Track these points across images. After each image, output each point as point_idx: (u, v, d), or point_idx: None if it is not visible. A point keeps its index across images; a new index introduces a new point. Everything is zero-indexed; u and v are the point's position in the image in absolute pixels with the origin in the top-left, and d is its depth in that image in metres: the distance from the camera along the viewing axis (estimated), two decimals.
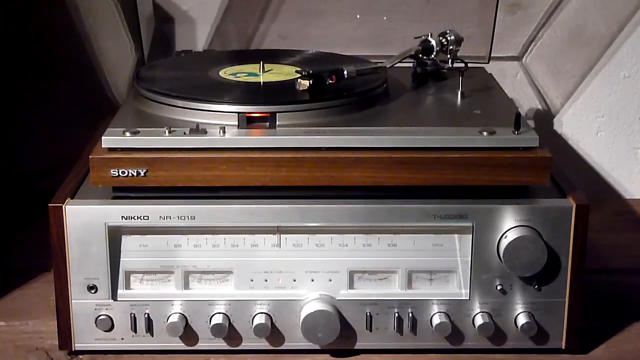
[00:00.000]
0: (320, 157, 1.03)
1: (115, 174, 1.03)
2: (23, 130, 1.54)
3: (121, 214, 1.04)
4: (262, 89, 1.17)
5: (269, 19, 1.49)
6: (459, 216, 1.04)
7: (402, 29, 1.48)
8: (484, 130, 1.05)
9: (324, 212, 1.04)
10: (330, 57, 1.32)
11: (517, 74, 1.54)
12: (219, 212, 1.04)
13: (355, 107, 1.13)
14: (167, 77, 1.24)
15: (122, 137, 1.03)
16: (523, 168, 1.03)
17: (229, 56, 1.37)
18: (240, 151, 1.03)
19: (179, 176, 1.03)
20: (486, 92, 1.25)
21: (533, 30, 1.52)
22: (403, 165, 1.03)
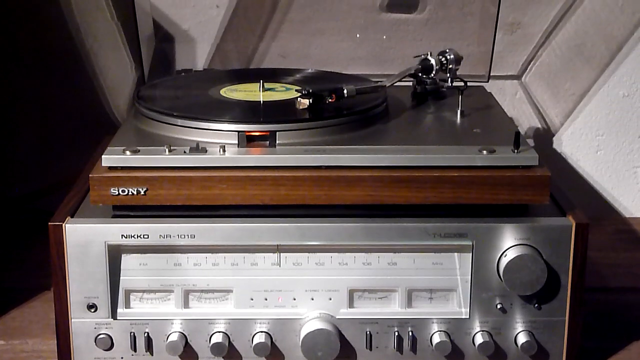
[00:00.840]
0: (320, 175, 1.03)
1: (115, 193, 1.03)
2: (23, 149, 1.54)
3: (121, 233, 1.04)
4: (262, 107, 1.18)
5: (269, 38, 1.50)
6: (459, 235, 1.04)
7: (401, 47, 1.48)
8: (483, 148, 1.05)
9: (324, 231, 1.04)
10: (330, 76, 1.33)
11: (516, 92, 1.54)
12: (218, 230, 1.04)
13: (355, 126, 1.13)
14: (168, 96, 1.24)
15: (122, 155, 1.04)
16: (523, 186, 1.04)
17: (229, 75, 1.37)
18: (240, 170, 1.03)
19: (179, 195, 1.03)
20: (486, 110, 1.25)
21: (532, 49, 1.52)
22: (403, 183, 1.03)
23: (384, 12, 1.49)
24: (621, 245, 1.46)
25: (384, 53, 1.49)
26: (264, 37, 1.50)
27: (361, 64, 1.48)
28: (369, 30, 1.49)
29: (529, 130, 1.55)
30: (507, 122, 1.22)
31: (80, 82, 1.51)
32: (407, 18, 1.49)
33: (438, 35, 1.48)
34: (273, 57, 1.51)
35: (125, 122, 1.21)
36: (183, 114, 1.11)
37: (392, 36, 1.49)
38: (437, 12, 1.48)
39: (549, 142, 1.56)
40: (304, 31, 1.48)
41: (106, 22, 1.50)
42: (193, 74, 1.42)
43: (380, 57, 1.49)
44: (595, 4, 1.50)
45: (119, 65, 1.52)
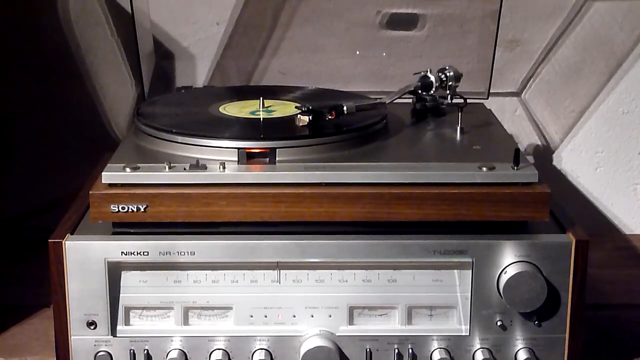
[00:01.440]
0: (320, 192, 1.03)
1: (115, 210, 1.03)
2: (23, 166, 1.54)
3: (121, 250, 1.04)
4: (261, 124, 1.18)
5: (269, 55, 1.50)
6: (459, 252, 1.04)
7: (401, 65, 1.49)
8: (483, 165, 1.05)
9: (324, 248, 1.04)
10: (329, 93, 1.33)
11: (516, 109, 1.54)
12: (218, 247, 1.04)
13: (355, 143, 1.13)
14: (168, 113, 1.25)
15: (122, 172, 1.04)
16: (522, 203, 1.04)
17: (229, 92, 1.38)
18: (240, 187, 1.04)
19: (179, 212, 1.03)
20: (485, 127, 1.26)
21: (532, 66, 1.53)
22: (403, 200, 1.03)
23: (384, 30, 1.49)
24: (621, 262, 1.46)
25: (383, 70, 1.49)
26: (264, 54, 1.50)
27: (361, 81, 1.48)
28: (368, 48, 1.49)
29: (529, 147, 1.55)
30: (507, 139, 1.22)
31: (80, 99, 1.52)
32: (407, 35, 1.49)
33: (438, 52, 1.48)
34: (273, 74, 1.51)
35: (125, 139, 1.21)
36: (183, 130, 1.11)
37: (391, 53, 1.49)
38: (436, 29, 1.49)
39: (548, 158, 1.56)
40: (303, 48, 1.49)
41: (106, 39, 1.50)
42: (193, 90, 1.42)
43: (380, 74, 1.49)
44: (595, 21, 1.50)
45: (119, 82, 1.52)
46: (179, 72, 1.51)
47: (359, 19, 1.48)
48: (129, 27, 1.38)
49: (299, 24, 1.49)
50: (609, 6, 1.50)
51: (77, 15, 1.49)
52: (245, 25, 1.49)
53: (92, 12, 1.49)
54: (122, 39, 1.50)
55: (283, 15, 1.48)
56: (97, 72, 1.51)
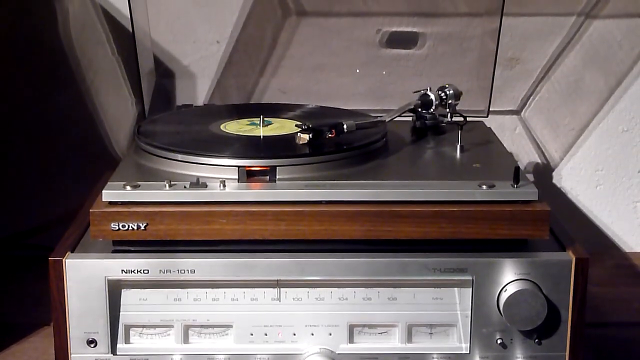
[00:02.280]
0: (320, 210, 1.03)
1: (115, 228, 1.03)
2: (24, 184, 1.54)
3: (121, 268, 1.04)
4: (262, 142, 1.18)
5: (269, 73, 1.50)
6: (459, 270, 1.04)
7: (401, 83, 1.49)
8: (483, 183, 1.06)
9: (324, 266, 1.04)
10: (329, 111, 1.33)
11: (516, 127, 1.55)
12: (218, 265, 1.04)
13: (355, 161, 1.14)
14: (168, 131, 1.25)
15: (123, 190, 1.04)
16: (522, 221, 1.04)
17: (230, 110, 1.38)
18: (240, 205, 1.04)
19: (179, 230, 1.03)
20: (485, 145, 1.26)
21: (531, 84, 1.53)
22: (403, 218, 1.03)
23: (384, 48, 1.50)
24: (621, 280, 1.46)
25: (383, 88, 1.50)
26: (264, 73, 1.50)
27: (361, 99, 1.48)
28: (369, 66, 1.49)
29: (529, 165, 1.55)
30: (507, 157, 1.22)
31: (80, 117, 1.52)
32: (407, 54, 1.50)
33: (437, 70, 1.49)
34: (273, 93, 1.51)
35: (126, 157, 1.21)
36: (183, 149, 1.12)
37: (392, 71, 1.50)
38: (436, 47, 1.49)
39: (548, 176, 1.56)
40: (304, 67, 1.49)
41: (107, 58, 1.51)
42: (193, 109, 1.42)
43: (380, 93, 1.49)
44: (594, 39, 1.51)
45: (119, 100, 1.52)
46: (179, 90, 1.52)
47: (359, 38, 1.49)
48: (129, 46, 1.39)
49: (299, 42, 1.49)
50: (608, 24, 1.50)
51: (78, 34, 1.49)
52: (246, 44, 1.50)
53: (92, 30, 1.49)
54: (122, 57, 1.51)
55: (283, 33, 1.49)
56: (98, 90, 1.51)
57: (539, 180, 1.53)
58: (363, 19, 1.49)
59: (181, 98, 1.51)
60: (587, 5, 1.50)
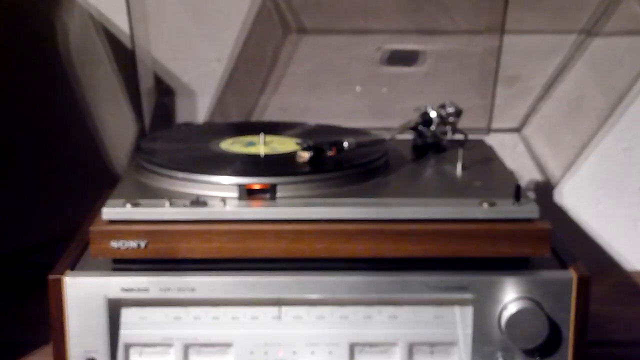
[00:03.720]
0: (320, 229, 1.03)
1: (115, 246, 1.03)
2: (23, 202, 1.54)
3: (121, 286, 1.04)
4: (262, 160, 1.18)
5: (270, 91, 1.51)
6: (460, 288, 1.04)
7: (401, 101, 1.49)
8: (484, 201, 1.06)
9: (325, 284, 1.04)
10: (330, 129, 1.33)
11: (516, 145, 1.55)
12: (219, 284, 1.04)
13: (356, 179, 1.14)
14: (168, 149, 1.25)
15: (123, 208, 1.04)
16: (523, 239, 1.04)
17: (230, 128, 1.38)
18: (241, 223, 1.04)
19: (179, 248, 1.03)
20: (486, 163, 1.26)
21: (532, 102, 1.53)
22: (403, 237, 1.03)
23: (385, 66, 1.50)
24: (623, 298, 1.46)
25: (384, 106, 1.50)
26: (265, 91, 1.51)
27: (361, 117, 1.48)
28: (369, 84, 1.50)
29: (530, 183, 1.55)
30: (508, 175, 1.22)
31: (80, 135, 1.52)
32: (408, 71, 1.50)
33: (438, 88, 1.49)
34: (274, 111, 1.52)
35: (126, 175, 1.21)
36: (183, 167, 1.12)
37: (392, 89, 1.50)
38: (437, 65, 1.50)
39: (549, 194, 1.56)
40: (304, 84, 1.50)
41: (107, 75, 1.51)
42: (193, 126, 1.43)
43: (380, 110, 1.50)
44: (595, 57, 1.51)
45: (119, 118, 1.52)
46: (179, 108, 1.52)
47: (360, 55, 1.49)
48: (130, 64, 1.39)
49: (300, 60, 1.50)
50: (609, 42, 1.51)
51: (78, 51, 1.49)
52: (246, 61, 1.50)
53: (92, 48, 1.50)
54: (123, 75, 1.51)
55: (284, 51, 1.49)
56: (98, 108, 1.52)
57: (540, 198, 1.53)
58: (363, 37, 1.49)
59: (181, 116, 1.51)
60: (588, 23, 1.50)
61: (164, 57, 1.49)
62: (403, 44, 1.50)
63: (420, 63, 1.50)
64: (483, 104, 1.40)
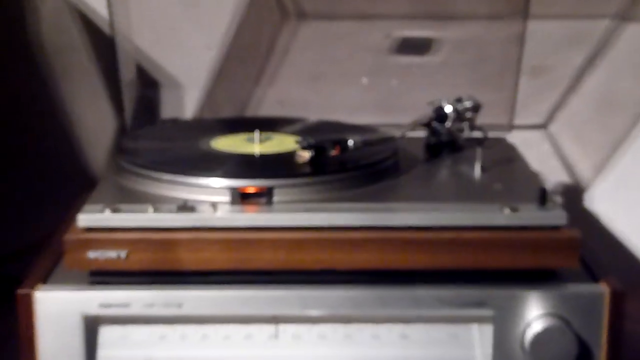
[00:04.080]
0: (322, 237, 1.04)
1: (92, 257, 1.03)
2: None
3: (99, 302, 1.04)
4: (257, 161, 1.19)
5: (266, 83, 1.51)
6: (478, 304, 1.05)
7: (413, 94, 1.50)
8: (505, 207, 1.06)
9: (327, 300, 1.05)
10: (333, 126, 1.34)
11: (542, 144, 1.55)
12: (209, 299, 1.04)
13: (362, 182, 1.14)
14: (152, 148, 1.25)
15: (101, 215, 1.04)
16: (549, 250, 1.04)
17: (221, 124, 1.39)
18: (234, 231, 1.04)
19: (165, 259, 1.04)
20: (507, 164, 1.26)
21: (559, 95, 1.54)
22: (415, 246, 1.04)
23: (394, 55, 1.50)
24: None
25: (393, 100, 1.51)
26: (260, 83, 1.51)
27: (368, 112, 1.49)
28: (377, 75, 1.50)
29: (557, 186, 1.56)
30: (532, 177, 1.23)
31: (54, 133, 1.52)
32: (420, 61, 1.51)
33: (454, 80, 1.49)
34: (270, 105, 1.52)
35: (104, 177, 1.22)
36: (169, 168, 1.12)
37: (402, 81, 1.50)
38: (453, 54, 1.50)
39: (578, 199, 1.56)
40: (304, 76, 1.50)
41: (83, 65, 1.51)
42: (180, 123, 1.43)
43: (389, 105, 1.50)
44: (631, 45, 1.51)
45: (97, 113, 1.53)
46: (164, 102, 1.52)
47: (366, 43, 1.50)
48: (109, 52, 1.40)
49: (300, 48, 1.50)
50: None
51: (51, 39, 1.50)
52: (240, 50, 1.51)
53: (67, 35, 1.50)
54: (101, 65, 1.51)
55: (281, 39, 1.50)
56: (73, 102, 1.52)
57: (569, 203, 1.53)
58: (370, 23, 1.50)
59: (167, 111, 1.52)
60: (621, 6, 1.50)
61: (147, 44, 1.49)
62: (414, 31, 1.50)
63: (434, 52, 1.51)
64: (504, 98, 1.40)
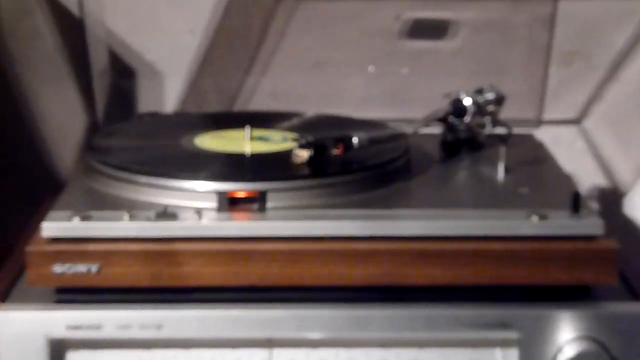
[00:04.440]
0: (323, 249, 1.04)
1: (59, 271, 1.03)
2: None
3: (66, 323, 1.04)
4: (248, 161, 1.19)
5: (258, 72, 1.51)
6: (502, 325, 1.04)
7: (427, 84, 1.50)
8: (532, 214, 1.06)
9: (328, 320, 1.04)
10: (335, 121, 1.34)
11: (575, 141, 1.55)
12: (192, 320, 1.04)
13: (368, 185, 1.14)
14: (128, 146, 1.25)
15: (69, 223, 1.04)
16: (583, 263, 1.04)
17: (207, 119, 1.39)
18: (221, 242, 1.04)
19: (142, 274, 1.03)
20: (535, 165, 1.26)
21: (595, 86, 1.53)
22: (429, 258, 1.04)
23: (405, 39, 1.50)
24: None
25: (404, 91, 1.50)
26: (252, 72, 1.51)
27: (376, 106, 1.49)
28: (385, 62, 1.50)
29: (592, 190, 1.56)
30: (563, 179, 1.23)
31: (15, 129, 1.52)
32: (435, 46, 1.51)
33: (474, 68, 1.49)
34: (263, 97, 1.52)
35: (73, 180, 1.22)
36: (147, 169, 1.12)
37: (415, 69, 1.50)
38: (472, 38, 1.50)
39: (617, 205, 1.56)
40: (302, 64, 1.50)
41: (48, 53, 1.51)
42: (160, 118, 1.43)
43: (399, 97, 1.50)
44: None
45: (65, 106, 1.53)
46: (142, 94, 1.52)
47: (373, 26, 1.50)
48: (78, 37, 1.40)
49: (297, 32, 1.50)
50: None
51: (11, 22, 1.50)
52: (228, 34, 1.51)
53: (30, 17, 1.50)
54: (69, 51, 1.51)
55: (276, 21, 1.50)
56: (38, 94, 1.52)
57: (606, 209, 1.53)
58: (378, 2, 1.50)
59: (145, 104, 1.52)
60: None
61: (122, 28, 1.50)
62: (428, 11, 1.50)
63: (451, 36, 1.51)
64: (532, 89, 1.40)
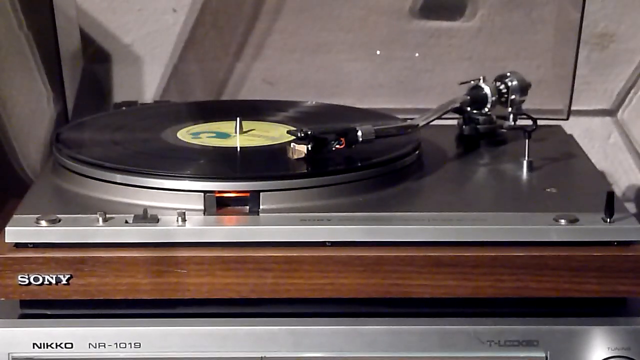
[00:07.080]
0: (322, 256, 1.04)
1: (24, 282, 1.03)
2: None
3: (32, 341, 1.04)
4: (239, 157, 1.19)
5: (249, 56, 1.51)
6: (526, 342, 1.05)
7: (441, 70, 1.50)
8: (561, 217, 1.06)
9: (328, 337, 1.05)
10: (338, 112, 1.34)
11: (609, 135, 1.55)
12: (175, 336, 1.05)
13: (374, 185, 1.15)
14: (101, 140, 1.25)
15: (36, 227, 1.04)
16: (618, 272, 1.04)
17: (192, 110, 1.39)
18: (208, 248, 1.04)
19: (118, 285, 1.04)
20: (564, 161, 1.27)
21: (632, 72, 1.53)
22: (443, 268, 1.04)
23: (416, 19, 1.50)
24: None
25: (416, 78, 1.50)
26: (242, 56, 1.51)
27: (383, 94, 1.49)
28: (394, 45, 1.50)
29: (628, 189, 1.56)
30: (596, 177, 1.23)
31: None
32: (450, 27, 1.51)
33: (494, 52, 1.49)
34: (255, 84, 1.52)
35: (40, 179, 1.22)
36: (124, 166, 1.13)
37: (427, 54, 1.51)
38: (492, 18, 1.50)
39: None
40: (299, 47, 1.50)
41: (11, 33, 1.51)
42: (138, 108, 1.43)
43: (410, 84, 1.50)
44: None
45: (30, 95, 1.53)
46: (118, 81, 1.52)
47: (381, 4, 1.50)
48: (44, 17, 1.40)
49: (293, 11, 1.50)
50: None
51: None
52: (215, 13, 1.51)
53: None
54: (34, 32, 1.51)
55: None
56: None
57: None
58: None
59: (121, 92, 1.52)
60: None
61: (95, 6, 1.49)
62: None
63: (469, 15, 1.51)
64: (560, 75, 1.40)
